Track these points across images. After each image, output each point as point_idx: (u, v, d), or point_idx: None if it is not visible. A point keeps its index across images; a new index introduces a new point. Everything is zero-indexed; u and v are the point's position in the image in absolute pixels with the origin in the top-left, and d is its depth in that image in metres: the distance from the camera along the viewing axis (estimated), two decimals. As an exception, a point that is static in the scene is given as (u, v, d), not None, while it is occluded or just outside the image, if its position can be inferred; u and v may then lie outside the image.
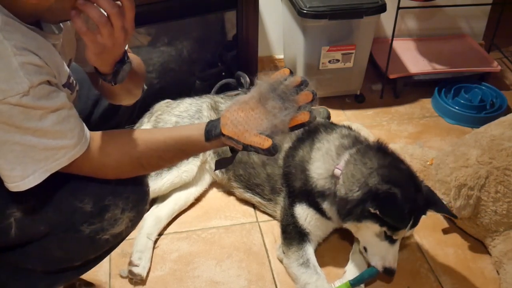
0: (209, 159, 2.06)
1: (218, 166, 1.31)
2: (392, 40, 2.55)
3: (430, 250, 1.90)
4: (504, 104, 2.57)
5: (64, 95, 1.11)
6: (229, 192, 2.10)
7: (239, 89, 2.38)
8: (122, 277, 1.77)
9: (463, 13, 2.87)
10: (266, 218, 2.01)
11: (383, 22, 2.83)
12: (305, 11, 2.30)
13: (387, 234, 1.62)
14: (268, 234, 1.95)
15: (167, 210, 1.96)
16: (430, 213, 1.70)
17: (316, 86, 1.18)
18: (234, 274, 1.80)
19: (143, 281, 1.75)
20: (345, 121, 2.46)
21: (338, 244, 1.90)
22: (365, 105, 2.65)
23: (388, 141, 2.35)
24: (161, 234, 1.92)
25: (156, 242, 1.88)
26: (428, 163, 2.05)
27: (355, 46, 2.44)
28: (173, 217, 1.98)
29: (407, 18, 2.85)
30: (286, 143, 1.88)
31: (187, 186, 2.02)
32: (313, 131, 1.84)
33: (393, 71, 2.63)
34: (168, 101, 2.13)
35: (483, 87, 2.64)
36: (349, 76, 2.55)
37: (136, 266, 1.75)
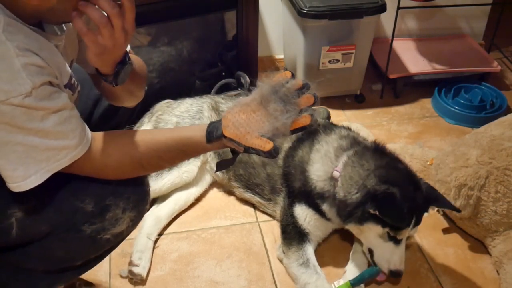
0: (209, 160, 2.06)
1: (219, 167, 1.31)
2: (392, 40, 2.55)
3: (430, 250, 1.90)
4: (504, 104, 2.57)
5: (65, 96, 1.11)
6: (229, 192, 2.10)
7: (239, 89, 2.38)
8: (122, 277, 1.77)
9: (463, 13, 2.87)
10: (266, 218, 2.01)
11: (383, 22, 2.83)
12: (305, 11, 2.30)
13: (391, 235, 1.62)
14: (268, 234, 1.95)
15: (167, 210, 1.96)
16: (432, 211, 1.69)
17: (316, 89, 1.18)
18: (234, 274, 1.80)
19: (143, 281, 1.75)
20: (345, 121, 2.46)
21: (338, 244, 1.90)
22: (365, 105, 2.65)
23: (388, 141, 2.37)
24: (161, 234, 1.92)
25: (156, 242, 1.88)
26: (428, 163, 2.05)
27: (355, 46, 2.44)
28: (173, 217, 1.98)
29: (407, 18, 2.85)
30: (286, 143, 1.88)
31: (188, 186, 2.02)
32: (312, 132, 1.83)
33: (393, 71, 2.63)
34: (168, 101, 2.13)
35: (483, 87, 2.64)
36: (349, 76, 2.55)
37: (136, 266, 1.75)
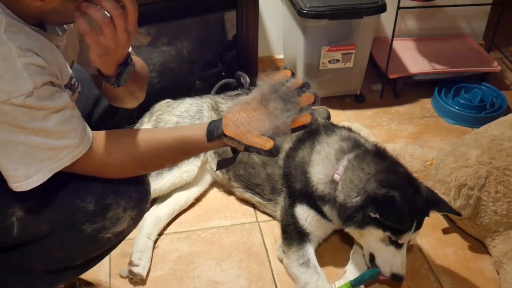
0: (209, 160, 2.06)
1: (219, 166, 1.31)
2: (392, 40, 2.55)
3: (430, 250, 1.90)
4: (504, 104, 2.57)
5: (67, 96, 1.11)
6: (229, 192, 2.10)
7: (239, 89, 2.38)
8: (122, 277, 1.77)
9: (463, 13, 2.87)
10: (266, 218, 2.01)
11: (383, 22, 2.83)
12: (305, 11, 2.30)
13: (392, 239, 1.62)
14: (268, 234, 1.95)
15: (167, 210, 1.96)
16: (433, 214, 1.70)
17: (316, 87, 1.17)
18: (234, 274, 1.80)
19: (143, 281, 1.75)
20: (345, 121, 2.46)
21: (339, 244, 1.90)
22: (365, 105, 2.65)
23: (388, 141, 2.37)
24: (161, 234, 1.92)
25: (156, 242, 1.88)
26: (428, 163, 2.05)
27: (355, 46, 2.44)
28: (173, 217, 1.98)
29: (407, 18, 2.85)
30: (287, 144, 1.88)
31: (188, 186, 2.02)
32: (313, 133, 1.83)
33: (393, 71, 2.63)
34: (168, 101, 2.13)
35: (483, 87, 2.64)
36: (349, 76, 2.55)
37: (136, 266, 1.75)
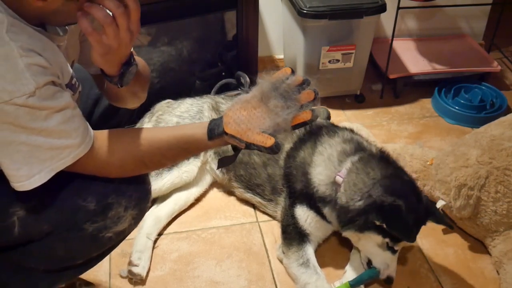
0: (209, 160, 2.06)
1: (220, 164, 1.32)
2: (392, 40, 2.55)
3: (430, 250, 1.90)
4: (504, 104, 2.57)
5: (68, 95, 1.11)
6: (229, 192, 2.10)
7: (239, 89, 2.38)
8: (122, 277, 1.77)
9: (463, 13, 2.87)
10: (266, 218, 2.01)
11: (383, 22, 2.83)
12: (305, 11, 2.30)
13: (389, 245, 1.62)
14: (268, 234, 1.95)
15: (167, 210, 1.96)
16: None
17: (316, 85, 1.18)
18: (234, 274, 1.80)
19: (143, 281, 1.75)
20: (345, 121, 2.46)
21: (339, 244, 1.89)
22: (365, 105, 2.65)
23: (388, 141, 2.37)
24: (161, 234, 1.92)
25: (156, 242, 1.88)
26: (428, 163, 2.05)
27: (355, 46, 2.44)
28: (173, 217, 1.98)
29: (407, 18, 2.85)
30: (287, 144, 1.87)
31: (188, 186, 2.02)
32: (314, 133, 1.83)
33: (393, 71, 2.63)
34: (169, 101, 2.13)
35: (483, 87, 2.64)
36: (349, 76, 2.55)
37: (135, 266, 1.75)
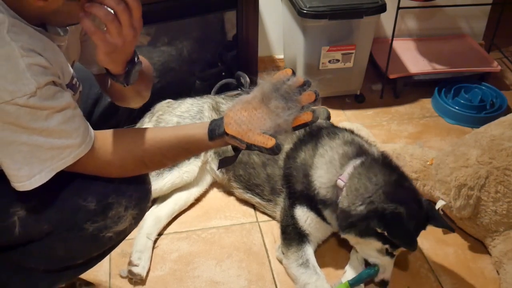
0: (210, 160, 2.06)
1: (221, 164, 1.32)
2: (392, 40, 2.55)
3: (430, 250, 1.90)
4: (504, 104, 2.57)
5: (69, 95, 1.11)
6: (229, 192, 2.10)
7: (239, 89, 2.38)
8: (122, 277, 1.77)
9: (463, 13, 2.87)
10: (266, 218, 2.01)
11: (383, 22, 2.83)
12: (305, 11, 2.30)
13: (389, 251, 1.63)
14: (268, 234, 1.95)
15: (167, 210, 1.96)
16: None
17: (317, 86, 1.18)
18: (234, 274, 1.80)
19: (143, 281, 1.75)
20: (345, 121, 2.46)
21: (338, 244, 1.89)
22: (365, 105, 2.65)
23: (388, 141, 2.37)
24: (161, 234, 1.92)
25: (156, 242, 1.88)
26: (428, 163, 2.05)
27: (355, 46, 2.44)
28: (173, 217, 1.98)
29: (407, 18, 2.85)
30: (287, 144, 1.86)
31: (188, 186, 2.01)
32: (315, 134, 1.82)
33: (393, 71, 2.63)
34: (169, 101, 2.13)
35: (483, 87, 2.64)
36: (349, 76, 2.55)
37: (135, 266, 1.75)
